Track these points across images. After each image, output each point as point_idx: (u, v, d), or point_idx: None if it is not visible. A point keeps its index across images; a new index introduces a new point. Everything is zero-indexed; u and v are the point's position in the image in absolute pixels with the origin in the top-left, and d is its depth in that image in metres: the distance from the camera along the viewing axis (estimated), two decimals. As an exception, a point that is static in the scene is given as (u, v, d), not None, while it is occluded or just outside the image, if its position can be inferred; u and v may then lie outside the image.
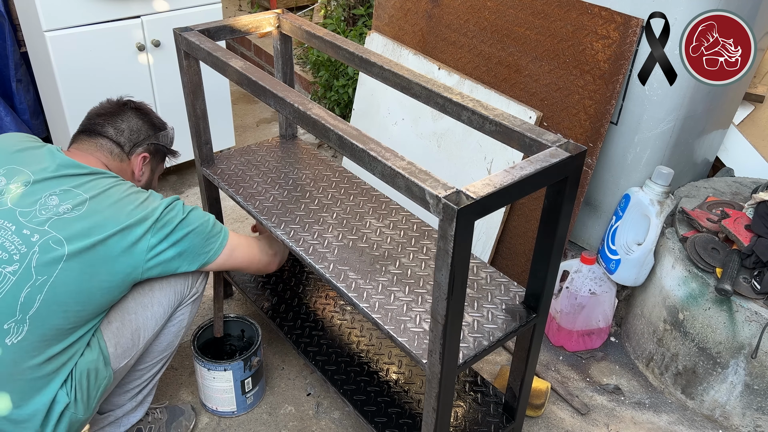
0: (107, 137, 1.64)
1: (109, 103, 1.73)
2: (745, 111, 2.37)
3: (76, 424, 1.44)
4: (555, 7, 2.03)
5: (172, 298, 1.61)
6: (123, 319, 1.52)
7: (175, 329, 1.67)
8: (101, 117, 1.67)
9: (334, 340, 1.95)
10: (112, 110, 1.70)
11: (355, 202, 1.90)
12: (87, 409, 1.45)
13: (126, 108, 1.72)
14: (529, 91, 2.15)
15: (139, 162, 1.71)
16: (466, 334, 1.45)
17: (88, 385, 1.43)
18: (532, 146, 1.34)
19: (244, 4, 4.98)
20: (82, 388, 1.42)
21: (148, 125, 1.73)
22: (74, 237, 1.38)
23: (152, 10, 2.59)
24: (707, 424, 1.95)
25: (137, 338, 1.55)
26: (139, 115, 1.72)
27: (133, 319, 1.53)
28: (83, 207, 1.43)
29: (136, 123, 1.70)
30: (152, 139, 1.73)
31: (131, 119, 1.70)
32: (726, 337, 1.84)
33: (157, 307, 1.57)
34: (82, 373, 1.42)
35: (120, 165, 1.67)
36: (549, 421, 1.95)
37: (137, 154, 1.70)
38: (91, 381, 1.44)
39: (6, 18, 2.67)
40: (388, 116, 2.64)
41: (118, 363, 1.51)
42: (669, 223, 2.07)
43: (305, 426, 1.90)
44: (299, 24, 1.92)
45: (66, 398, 1.39)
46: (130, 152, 1.68)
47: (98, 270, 1.40)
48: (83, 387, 1.43)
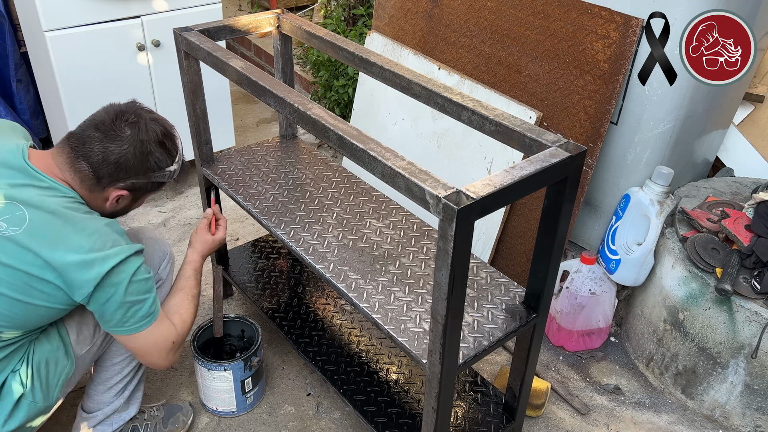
0: (88, 163, 1.40)
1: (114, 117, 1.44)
2: (745, 111, 2.37)
3: (35, 411, 1.45)
4: (555, 7, 2.03)
5: None
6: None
7: None
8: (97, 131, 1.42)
9: (334, 340, 1.95)
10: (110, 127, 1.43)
11: (355, 202, 1.90)
12: (47, 398, 1.45)
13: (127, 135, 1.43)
14: (529, 91, 2.15)
15: (112, 198, 1.47)
16: (466, 334, 1.45)
17: (47, 373, 1.44)
18: (532, 146, 1.34)
19: (244, 4, 4.98)
20: (40, 377, 1.42)
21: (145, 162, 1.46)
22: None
23: (152, 10, 2.59)
24: (707, 424, 1.95)
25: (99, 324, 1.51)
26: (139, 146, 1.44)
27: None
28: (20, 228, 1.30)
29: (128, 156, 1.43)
30: (140, 178, 1.47)
31: (124, 148, 1.42)
32: (726, 337, 1.84)
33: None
34: (40, 361, 1.42)
35: (88, 194, 1.44)
36: (549, 421, 1.95)
37: (114, 188, 1.45)
38: (50, 370, 1.44)
39: (6, 18, 2.67)
40: (388, 116, 2.64)
41: (81, 349, 1.51)
42: (669, 223, 2.07)
43: (305, 426, 1.90)
44: (299, 24, 1.92)
45: (21, 388, 1.40)
46: (107, 186, 1.44)
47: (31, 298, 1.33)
48: (41, 375, 1.43)
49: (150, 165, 1.47)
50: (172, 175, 1.54)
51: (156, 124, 1.49)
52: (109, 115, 1.44)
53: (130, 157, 1.43)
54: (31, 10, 2.40)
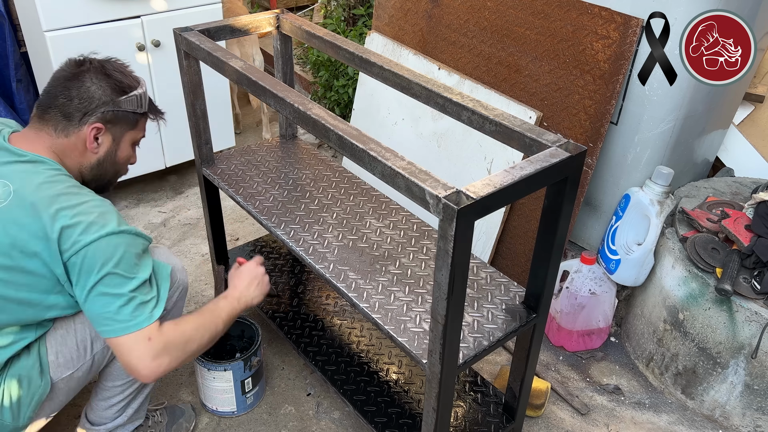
0: (55, 108, 1.41)
1: (67, 65, 1.46)
2: (745, 111, 2.37)
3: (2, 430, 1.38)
4: (555, 7, 2.03)
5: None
6: (69, 327, 1.44)
7: None
8: (56, 83, 1.44)
9: (334, 340, 1.95)
10: (67, 74, 1.44)
11: (355, 202, 1.89)
12: (15, 418, 1.38)
13: (84, 70, 1.44)
14: (529, 91, 2.15)
15: (89, 134, 1.43)
16: (466, 334, 1.45)
17: (18, 391, 1.37)
18: (532, 146, 1.34)
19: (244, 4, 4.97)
20: (11, 394, 1.36)
21: (108, 88, 1.44)
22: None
23: (152, 10, 2.59)
24: (707, 424, 1.95)
25: (83, 349, 1.46)
26: (98, 77, 1.44)
27: (80, 329, 1.45)
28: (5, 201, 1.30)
29: (91, 87, 1.42)
30: (109, 106, 1.44)
31: (85, 83, 1.42)
32: (726, 337, 1.84)
33: None
34: (13, 377, 1.36)
35: (66, 141, 1.42)
36: (549, 421, 1.95)
37: (88, 124, 1.42)
38: (23, 388, 1.38)
39: (6, 18, 2.67)
40: (388, 116, 2.64)
41: (60, 373, 1.44)
42: (669, 223, 2.07)
43: (305, 426, 1.90)
44: (299, 24, 1.92)
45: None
46: (79, 123, 1.42)
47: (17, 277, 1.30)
48: (12, 393, 1.36)
49: (114, 88, 1.44)
50: (141, 101, 1.50)
51: (110, 60, 1.51)
52: (60, 68, 1.47)
53: (91, 85, 1.42)
54: (31, 10, 2.40)
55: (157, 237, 2.68)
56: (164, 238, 2.68)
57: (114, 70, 1.47)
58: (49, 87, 1.44)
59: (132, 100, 1.47)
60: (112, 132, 1.47)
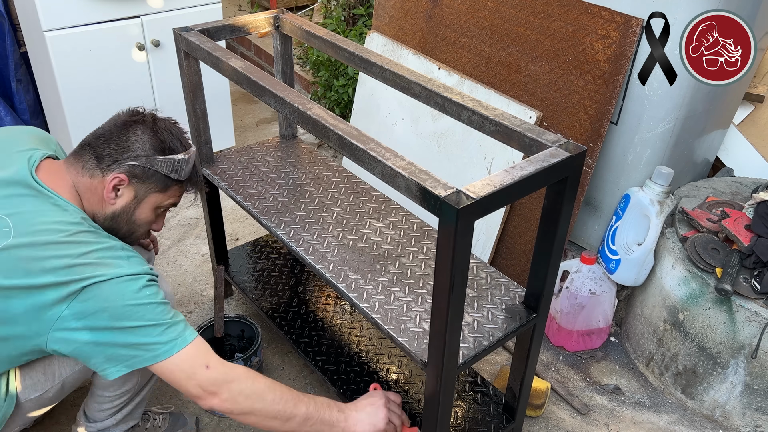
0: (92, 148, 1.37)
1: (125, 113, 1.43)
2: (745, 111, 2.37)
3: None
4: (555, 7, 2.03)
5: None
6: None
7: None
8: (107, 126, 1.41)
9: (334, 340, 1.95)
10: (121, 121, 1.41)
11: (355, 202, 1.89)
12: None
13: (136, 120, 1.40)
14: (529, 91, 2.15)
15: (110, 183, 1.36)
16: (466, 334, 1.45)
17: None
18: (532, 146, 1.34)
19: (244, 4, 4.98)
20: None
21: (147, 143, 1.38)
22: None
23: (152, 10, 2.59)
24: (707, 424, 1.95)
25: (51, 374, 1.42)
26: (144, 130, 1.39)
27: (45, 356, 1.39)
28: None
29: (132, 138, 1.37)
30: (141, 161, 1.37)
31: (130, 132, 1.38)
32: (726, 337, 1.84)
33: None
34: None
35: (89, 182, 1.36)
36: (549, 421, 1.95)
37: (113, 172, 1.36)
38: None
39: (6, 18, 2.67)
40: (388, 116, 2.64)
41: (27, 395, 1.41)
42: (669, 223, 2.07)
43: (305, 426, 1.90)
44: (299, 24, 1.92)
45: None
46: (106, 168, 1.36)
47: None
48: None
49: (155, 145, 1.38)
50: (180, 167, 1.41)
51: (170, 121, 1.46)
52: (121, 113, 1.43)
53: (133, 136, 1.37)
54: (31, 10, 2.40)
55: (157, 237, 2.68)
56: (164, 238, 2.68)
57: (165, 129, 1.41)
58: (101, 128, 1.41)
59: (168, 162, 1.39)
60: (135, 188, 1.39)
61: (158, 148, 1.39)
